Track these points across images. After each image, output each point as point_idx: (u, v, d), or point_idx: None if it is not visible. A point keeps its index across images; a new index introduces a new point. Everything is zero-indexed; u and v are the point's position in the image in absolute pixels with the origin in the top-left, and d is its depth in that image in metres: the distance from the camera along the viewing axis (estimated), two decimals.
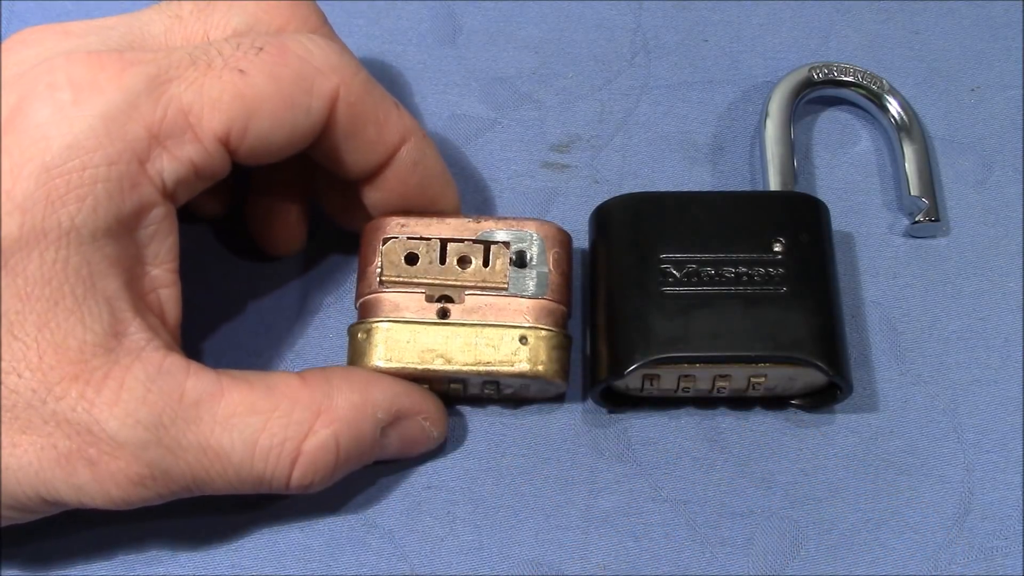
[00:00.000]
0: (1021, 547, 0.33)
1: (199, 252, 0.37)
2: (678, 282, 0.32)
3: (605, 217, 0.35)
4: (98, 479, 0.27)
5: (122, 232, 0.28)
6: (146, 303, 0.29)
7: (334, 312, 0.37)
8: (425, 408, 0.32)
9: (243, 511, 0.33)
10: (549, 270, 0.33)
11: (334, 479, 0.31)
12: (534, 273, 0.33)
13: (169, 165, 0.28)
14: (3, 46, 0.30)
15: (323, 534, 0.33)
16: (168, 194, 0.29)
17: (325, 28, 0.33)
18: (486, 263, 0.33)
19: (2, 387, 0.27)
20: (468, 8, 0.43)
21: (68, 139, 0.27)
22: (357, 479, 0.32)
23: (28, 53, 0.30)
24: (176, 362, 0.28)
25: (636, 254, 0.33)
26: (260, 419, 0.29)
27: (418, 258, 0.33)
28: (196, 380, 0.28)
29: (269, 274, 0.37)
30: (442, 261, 0.33)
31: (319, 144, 0.31)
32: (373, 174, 0.33)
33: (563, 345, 0.33)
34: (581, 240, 0.36)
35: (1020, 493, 0.33)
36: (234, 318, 0.37)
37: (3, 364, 0.27)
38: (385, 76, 0.41)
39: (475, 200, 0.39)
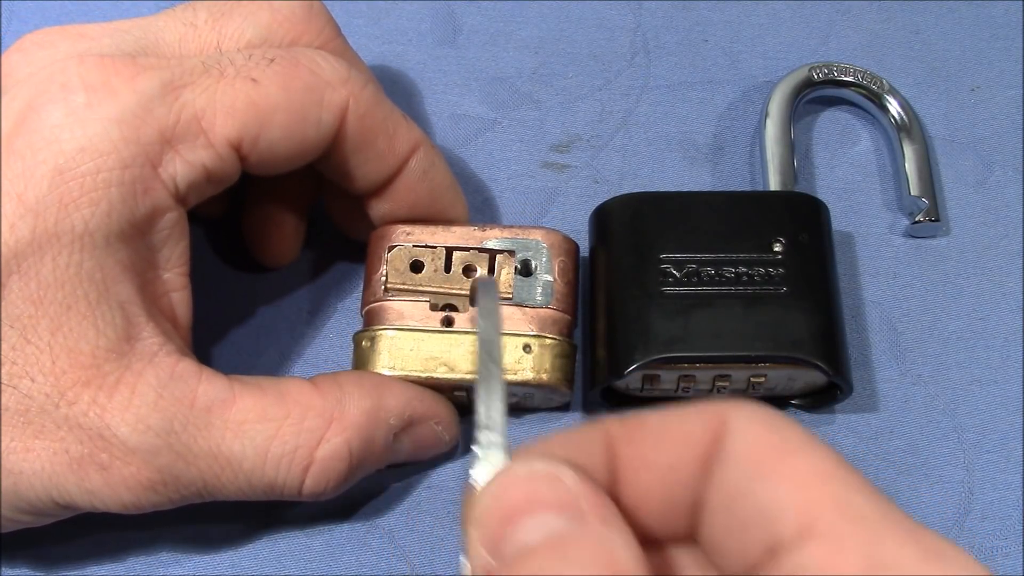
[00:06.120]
0: (1021, 547, 0.33)
1: (205, 257, 0.37)
2: (678, 282, 0.32)
3: (605, 217, 0.34)
4: (110, 484, 0.27)
5: (135, 236, 0.28)
6: (158, 307, 0.29)
7: (340, 319, 0.37)
8: (437, 412, 0.32)
9: (243, 512, 0.33)
10: (555, 279, 0.33)
11: (347, 486, 0.30)
12: (539, 282, 0.32)
13: (182, 169, 0.28)
14: (16, 47, 0.30)
15: (323, 534, 0.33)
16: (180, 198, 0.29)
17: (338, 40, 0.33)
18: (491, 272, 0.33)
19: (16, 391, 0.27)
20: (468, 8, 0.43)
21: (82, 142, 0.27)
22: (358, 480, 0.32)
23: (42, 54, 0.30)
24: (188, 368, 0.28)
25: (636, 254, 0.33)
26: (272, 426, 0.28)
27: (423, 266, 0.33)
28: (208, 386, 0.28)
29: (276, 280, 0.37)
30: (447, 269, 0.33)
31: (329, 159, 0.31)
32: (382, 186, 0.32)
33: (567, 353, 0.32)
34: (581, 240, 0.36)
35: (1020, 493, 0.33)
36: (240, 324, 0.37)
37: (17, 368, 0.26)
38: (385, 76, 0.41)
39: (475, 200, 0.38)
